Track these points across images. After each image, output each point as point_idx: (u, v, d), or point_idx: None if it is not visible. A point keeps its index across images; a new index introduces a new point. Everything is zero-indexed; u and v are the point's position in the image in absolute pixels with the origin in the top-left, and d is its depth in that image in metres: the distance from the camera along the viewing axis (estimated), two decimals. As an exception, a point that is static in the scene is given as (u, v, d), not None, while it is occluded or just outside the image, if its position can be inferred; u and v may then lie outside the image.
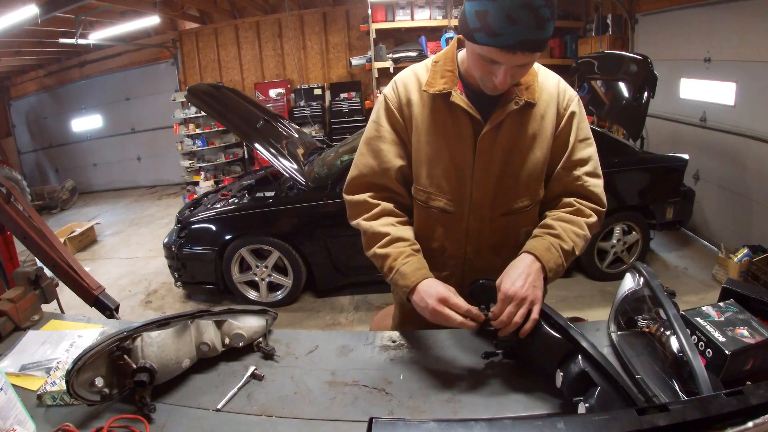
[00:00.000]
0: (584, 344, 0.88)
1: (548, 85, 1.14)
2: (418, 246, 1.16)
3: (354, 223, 1.21)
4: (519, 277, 0.99)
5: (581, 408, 0.83)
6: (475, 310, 1.00)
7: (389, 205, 1.19)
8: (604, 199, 1.17)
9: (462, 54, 1.15)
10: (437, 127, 1.14)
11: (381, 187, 1.20)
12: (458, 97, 1.10)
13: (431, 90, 1.12)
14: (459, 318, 0.98)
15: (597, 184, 1.16)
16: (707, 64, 4.11)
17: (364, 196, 1.19)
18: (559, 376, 0.91)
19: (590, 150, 1.17)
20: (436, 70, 1.14)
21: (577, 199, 1.15)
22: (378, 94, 1.20)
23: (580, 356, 0.89)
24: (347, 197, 1.23)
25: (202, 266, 3.66)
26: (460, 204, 1.17)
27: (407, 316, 1.31)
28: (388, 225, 1.16)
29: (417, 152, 1.17)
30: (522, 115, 1.10)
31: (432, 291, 1.02)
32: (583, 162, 1.15)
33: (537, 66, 1.14)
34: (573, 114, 1.15)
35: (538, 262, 1.03)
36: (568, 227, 1.11)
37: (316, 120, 6.91)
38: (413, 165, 1.19)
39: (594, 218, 1.14)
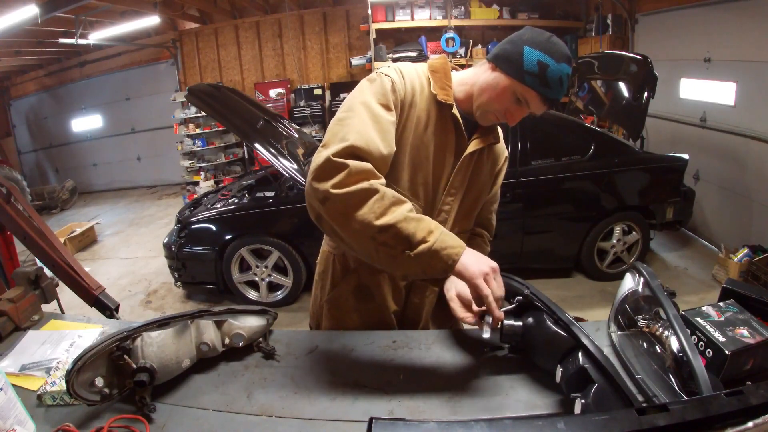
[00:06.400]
0: (585, 341, 0.88)
1: (500, 132, 1.28)
2: None
3: (363, 185, 0.95)
4: (476, 259, 0.98)
5: (578, 404, 0.83)
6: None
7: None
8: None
9: (458, 76, 1.18)
10: (428, 135, 1.13)
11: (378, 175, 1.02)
12: (457, 112, 1.13)
13: (439, 96, 1.11)
14: (497, 296, 0.95)
15: (495, 218, 1.41)
16: (707, 64, 4.11)
17: (370, 166, 0.99)
18: (559, 371, 0.91)
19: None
20: (436, 80, 1.14)
21: (484, 232, 1.38)
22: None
23: (580, 353, 0.89)
24: (347, 161, 0.96)
25: (202, 266, 3.67)
26: (429, 213, 1.17)
27: (343, 312, 1.28)
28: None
29: (401, 153, 1.11)
30: (489, 149, 1.24)
31: (483, 259, 0.97)
32: (497, 200, 1.39)
33: None
34: (506, 160, 1.33)
35: None
36: (486, 251, 1.35)
37: (316, 120, 6.91)
38: (395, 166, 1.11)
39: (489, 248, 1.38)
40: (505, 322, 1.02)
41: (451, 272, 0.96)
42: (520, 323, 1.01)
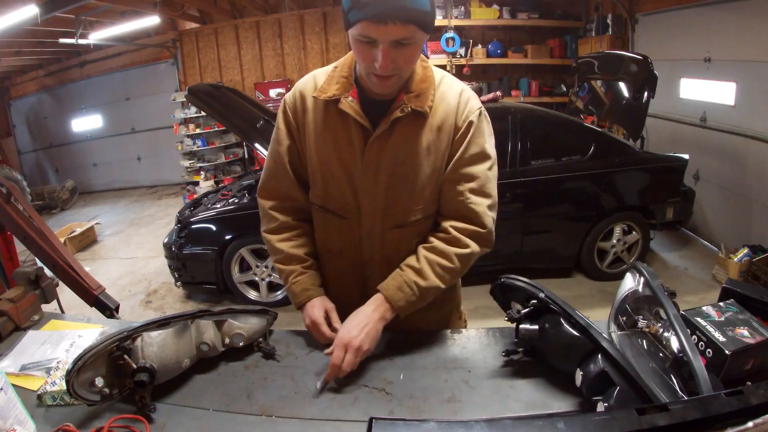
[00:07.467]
0: (604, 344, 0.87)
1: (449, 95, 1.09)
2: (309, 262, 1.22)
3: (261, 230, 1.26)
4: (356, 327, 1.05)
5: (600, 407, 0.83)
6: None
7: (288, 219, 1.23)
8: (487, 220, 1.11)
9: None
10: (328, 134, 1.12)
11: (283, 194, 1.22)
12: (347, 104, 1.07)
13: (322, 96, 1.10)
14: (325, 338, 1.12)
15: (480, 203, 1.10)
16: (707, 64, 4.11)
17: (267, 206, 1.24)
18: (579, 375, 0.90)
19: (481, 168, 1.10)
20: (332, 76, 1.13)
21: (454, 224, 1.11)
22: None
23: (599, 355, 0.88)
24: (258, 200, 1.27)
25: (202, 266, 3.66)
26: (353, 211, 1.16)
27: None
28: (284, 241, 1.22)
29: (310, 158, 1.16)
30: (414, 124, 1.07)
31: (309, 312, 1.16)
32: (470, 178, 1.09)
33: (441, 75, 1.12)
34: (470, 125, 1.08)
35: (385, 304, 1.09)
36: (435, 260, 1.09)
37: (316, 120, 6.90)
38: (308, 170, 1.19)
39: (468, 249, 1.10)
40: (521, 325, 1.01)
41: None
42: (536, 327, 1.01)
